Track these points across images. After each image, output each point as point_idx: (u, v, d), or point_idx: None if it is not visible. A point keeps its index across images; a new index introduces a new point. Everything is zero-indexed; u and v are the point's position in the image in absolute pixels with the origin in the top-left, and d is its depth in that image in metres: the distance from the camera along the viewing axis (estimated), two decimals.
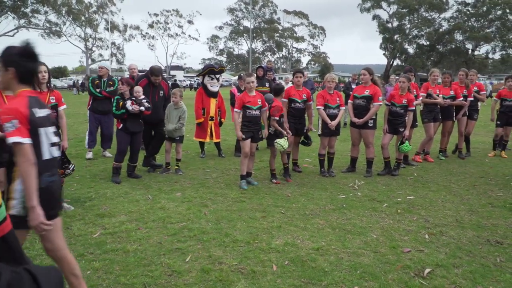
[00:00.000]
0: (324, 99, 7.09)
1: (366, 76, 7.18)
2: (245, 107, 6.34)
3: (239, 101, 6.41)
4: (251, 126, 6.38)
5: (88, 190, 6.14)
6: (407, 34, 61.17)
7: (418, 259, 3.89)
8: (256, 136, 6.48)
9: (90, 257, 3.90)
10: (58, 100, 5.16)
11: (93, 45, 64.79)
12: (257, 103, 6.38)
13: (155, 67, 7.46)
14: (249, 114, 6.37)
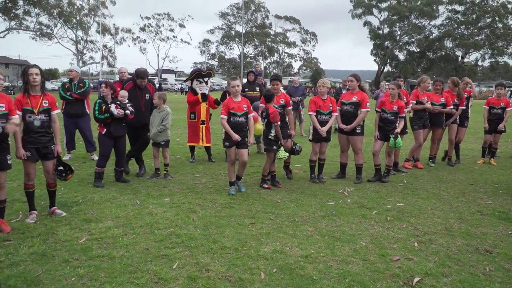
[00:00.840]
0: (316, 105, 7.05)
1: (353, 83, 7.18)
2: (230, 113, 6.14)
3: (224, 107, 6.18)
4: (235, 133, 6.12)
5: (75, 195, 6.05)
6: (397, 41, 61.77)
7: (407, 268, 3.87)
8: (241, 143, 6.20)
9: (75, 263, 3.82)
10: (52, 104, 5.01)
11: (84, 48, 64.40)
12: (242, 109, 6.17)
13: (140, 69, 7.38)
14: (234, 121, 6.15)
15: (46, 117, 4.94)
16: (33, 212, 5.03)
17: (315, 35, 79.54)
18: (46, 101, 4.93)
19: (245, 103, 6.24)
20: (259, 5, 74.67)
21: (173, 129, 13.15)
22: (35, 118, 4.84)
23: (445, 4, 58.45)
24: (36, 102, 4.85)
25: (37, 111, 4.85)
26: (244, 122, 6.23)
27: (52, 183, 5.16)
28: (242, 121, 6.19)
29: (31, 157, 4.82)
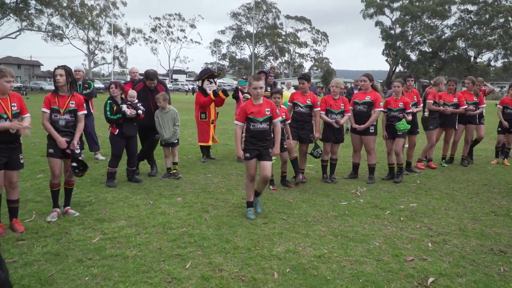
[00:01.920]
0: (327, 104, 7.04)
1: (366, 83, 7.14)
2: (249, 119, 5.09)
3: (241, 111, 5.16)
4: (256, 143, 5.10)
5: (88, 194, 6.10)
6: (409, 41, 61.29)
7: (421, 268, 3.83)
8: (265, 154, 5.14)
9: (89, 263, 3.84)
10: (79, 105, 5.11)
11: (95, 48, 65.00)
12: (264, 113, 5.06)
13: (149, 71, 7.41)
14: (254, 128, 5.07)
15: (71, 117, 5.07)
16: (56, 209, 5.13)
17: (326, 35, 79.35)
18: (73, 102, 5.07)
19: (268, 106, 5.12)
20: (271, 5, 74.67)
21: (184, 129, 13.22)
22: (61, 117, 4.99)
23: (458, 4, 57.88)
24: (63, 102, 5.00)
25: (63, 111, 4.99)
26: (267, 129, 5.13)
27: (71, 181, 5.26)
28: (264, 128, 5.08)
29: (54, 154, 4.95)
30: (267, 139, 5.15)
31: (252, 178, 5.18)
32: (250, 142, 5.12)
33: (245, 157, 5.13)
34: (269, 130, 5.15)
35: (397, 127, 7.13)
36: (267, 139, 5.15)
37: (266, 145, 5.14)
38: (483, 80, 9.44)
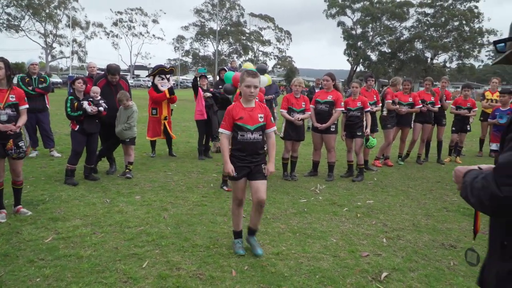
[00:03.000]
0: (288, 103, 7.12)
1: (329, 82, 7.24)
2: (237, 126, 3.91)
3: (227, 116, 3.95)
4: (245, 158, 3.95)
5: (42, 193, 5.88)
6: (370, 41, 62.78)
7: (376, 263, 3.94)
8: (256, 172, 3.98)
9: (41, 263, 3.71)
10: (20, 99, 4.88)
11: (53, 42, 62.62)
12: (256, 120, 3.93)
13: (112, 65, 7.25)
14: (242, 139, 3.91)
15: (13, 111, 4.80)
16: (2, 211, 4.88)
17: (289, 34, 79.89)
18: (13, 95, 4.80)
19: (261, 111, 4.00)
20: (234, 2, 74.45)
21: (144, 126, 12.96)
22: (1, 112, 4.70)
23: (416, 6, 59.80)
24: (2, 96, 4.71)
25: (3, 106, 4.70)
26: (260, 141, 3.99)
27: (18, 181, 5.01)
28: (256, 139, 3.94)
29: None
30: (259, 153, 3.97)
31: (240, 203, 4.10)
32: (237, 157, 3.92)
33: (229, 176, 4.06)
34: (261, 142, 3.99)
35: (368, 146, 7.59)
36: (259, 153, 3.98)
37: (258, 160, 3.97)
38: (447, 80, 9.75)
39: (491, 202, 1.42)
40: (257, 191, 3.98)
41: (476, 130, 12.13)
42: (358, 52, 62.61)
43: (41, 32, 60.11)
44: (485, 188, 1.44)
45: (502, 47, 1.67)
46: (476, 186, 1.50)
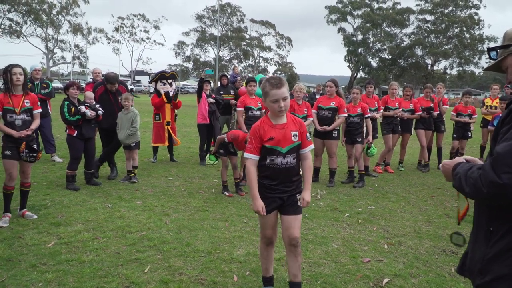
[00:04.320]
0: (291, 109, 7.08)
1: (332, 88, 7.30)
2: (265, 150, 3.09)
3: (253, 138, 3.11)
4: (276, 188, 3.13)
5: (44, 198, 5.90)
6: (370, 48, 62.96)
7: (377, 269, 3.95)
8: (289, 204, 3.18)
9: (43, 268, 3.72)
10: (34, 104, 5.06)
11: (54, 47, 62.83)
12: (289, 139, 3.10)
13: (110, 75, 7.32)
14: (272, 164, 3.10)
15: (28, 116, 4.97)
16: (7, 214, 4.93)
17: (290, 40, 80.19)
18: (28, 100, 4.98)
19: (294, 126, 3.15)
20: (235, 8, 74.78)
21: (146, 132, 13.02)
22: (17, 118, 4.86)
23: (416, 13, 60.05)
24: (17, 102, 4.87)
25: (19, 111, 4.86)
26: (294, 165, 3.15)
27: (26, 182, 5.08)
28: (290, 163, 3.11)
29: (11, 156, 4.78)
30: (293, 180, 3.18)
31: (269, 242, 3.31)
32: (266, 187, 3.14)
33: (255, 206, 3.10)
34: (296, 166, 3.17)
35: (368, 154, 7.62)
36: (293, 181, 3.18)
37: (292, 189, 3.17)
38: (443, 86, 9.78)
39: (490, 189, 1.54)
40: (289, 227, 3.18)
41: (477, 137, 12.15)
42: (359, 58, 62.79)
43: (42, 38, 60.31)
44: (483, 177, 1.57)
45: (494, 55, 1.84)
46: (472, 176, 1.63)
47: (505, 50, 1.83)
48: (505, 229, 1.66)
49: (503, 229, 1.66)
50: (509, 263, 1.62)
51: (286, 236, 3.21)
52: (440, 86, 9.64)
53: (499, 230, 1.67)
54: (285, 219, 3.21)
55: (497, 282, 1.66)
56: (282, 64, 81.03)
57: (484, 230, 1.74)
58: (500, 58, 1.84)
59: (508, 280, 1.63)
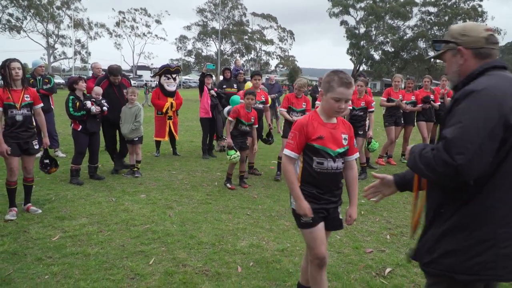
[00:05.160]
0: (289, 102, 6.99)
1: None
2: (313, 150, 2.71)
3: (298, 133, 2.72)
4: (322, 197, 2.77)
5: (48, 192, 5.94)
6: (373, 41, 62.72)
7: (380, 259, 3.97)
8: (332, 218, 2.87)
9: (49, 261, 3.76)
10: (35, 98, 5.03)
11: (55, 42, 62.86)
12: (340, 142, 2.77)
13: (113, 66, 7.31)
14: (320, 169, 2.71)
15: (28, 111, 4.95)
16: (14, 208, 4.96)
17: (292, 33, 79.95)
18: (28, 95, 4.95)
19: (345, 130, 2.85)
20: (237, 2, 74.54)
21: (149, 126, 13.04)
22: (17, 113, 4.84)
23: (419, 5, 59.73)
24: (17, 96, 4.83)
25: (19, 106, 4.84)
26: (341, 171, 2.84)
27: (29, 177, 5.10)
28: (339, 168, 2.78)
29: (13, 152, 4.78)
30: (339, 187, 2.87)
31: (324, 263, 2.83)
32: (310, 196, 2.73)
33: (301, 223, 2.77)
34: (341, 174, 2.86)
35: (370, 149, 7.64)
36: (339, 188, 2.87)
37: (337, 200, 2.86)
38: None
39: (444, 169, 1.68)
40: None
41: None
42: (361, 51, 62.59)
43: (43, 33, 60.32)
44: (437, 157, 1.70)
45: (439, 47, 2.04)
46: (427, 155, 1.76)
47: (446, 45, 2.01)
48: (454, 208, 1.80)
49: (453, 209, 1.80)
50: (456, 239, 1.76)
51: None
52: (444, 79, 9.57)
53: (449, 210, 1.82)
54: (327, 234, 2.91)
55: (444, 258, 1.79)
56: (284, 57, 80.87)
57: (435, 213, 1.88)
58: (441, 52, 2.04)
59: (455, 255, 1.76)
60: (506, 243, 1.74)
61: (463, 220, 1.78)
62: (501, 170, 1.73)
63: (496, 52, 1.94)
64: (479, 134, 1.65)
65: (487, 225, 1.75)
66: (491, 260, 1.73)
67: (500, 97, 1.71)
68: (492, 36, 1.93)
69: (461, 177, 1.67)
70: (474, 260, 1.74)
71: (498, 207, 1.75)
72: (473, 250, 1.75)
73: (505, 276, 1.77)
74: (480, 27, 1.94)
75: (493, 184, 1.74)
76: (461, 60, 1.95)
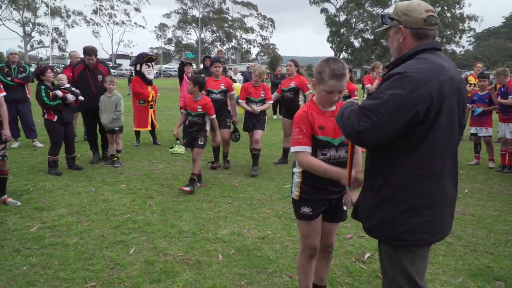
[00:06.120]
0: (246, 92, 6.71)
1: (292, 68, 7.07)
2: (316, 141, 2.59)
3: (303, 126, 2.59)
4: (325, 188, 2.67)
5: (26, 183, 5.83)
6: (353, 28, 62.97)
7: (359, 245, 4.04)
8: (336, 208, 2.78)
9: (27, 252, 3.71)
10: None
11: (32, 31, 61.21)
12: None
13: (87, 46, 7.11)
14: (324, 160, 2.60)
15: None
16: None
17: (273, 21, 79.70)
18: None
19: None
20: None
21: (129, 115, 12.88)
22: None
23: None
24: None
25: None
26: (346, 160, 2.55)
27: (4, 170, 4.96)
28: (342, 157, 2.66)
29: None
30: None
31: (313, 253, 2.82)
32: (313, 187, 2.69)
33: (301, 214, 2.73)
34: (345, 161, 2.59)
35: None
36: None
37: (340, 190, 2.74)
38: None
39: (350, 130, 1.93)
40: (329, 234, 2.86)
41: None
42: (341, 39, 62.82)
43: (19, 22, 58.64)
44: (349, 118, 1.94)
45: (386, 21, 2.14)
46: (345, 114, 2.00)
47: (391, 22, 2.10)
48: (381, 182, 2.00)
49: (380, 182, 2.01)
50: (388, 210, 1.98)
51: (324, 243, 2.85)
52: None
53: (378, 183, 2.02)
54: (327, 226, 2.82)
55: (380, 225, 2.02)
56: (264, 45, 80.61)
57: (368, 183, 2.10)
58: (386, 27, 2.15)
59: (389, 223, 1.99)
60: (429, 211, 1.95)
61: (391, 192, 1.98)
62: (421, 149, 1.90)
63: (434, 33, 2.05)
64: (387, 111, 1.82)
65: (411, 197, 1.94)
66: (415, 228, 1.95)
67: (419, 82, 1.83)
68: (431, 17, 2.01)
69: (358, 141, 1.99)
70: (401, 228, 1.96)
71: (420, 182, 1.92)
72: (400, 220, 1.96)
73: (429, 239, 2.00)
74: (422, 7, 2.02)
75: (415, 160, 1.91)
76: (400, 38, 2.05)
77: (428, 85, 1.83)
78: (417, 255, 2.01)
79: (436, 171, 1.93)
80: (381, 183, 2.00)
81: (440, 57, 1.98)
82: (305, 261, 2.83)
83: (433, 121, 1.87)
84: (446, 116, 1.89)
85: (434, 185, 1.94)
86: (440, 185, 1.95)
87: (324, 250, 2.89)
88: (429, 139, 1.89)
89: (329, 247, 2.90)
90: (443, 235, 2.06)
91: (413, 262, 2.01)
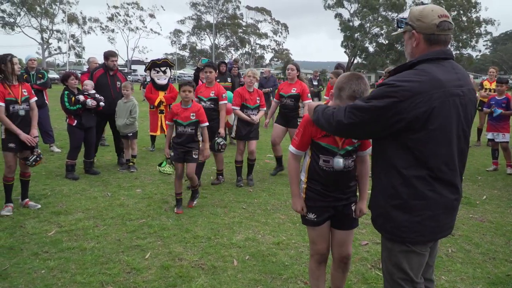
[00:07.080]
0: (242, 98, 6.22)
1: (293, 72, 6.57)
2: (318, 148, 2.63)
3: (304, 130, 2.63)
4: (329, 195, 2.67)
5: (43, 187, 5.93)
6: (367, 33, 62.66)
7: (375, 251, 4.00)
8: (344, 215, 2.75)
9: (45, 256, 3.77)
10: (29, 93, 5.05)
11: (49, 37, 62.34)
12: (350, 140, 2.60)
13: (108, 51, 7.34)
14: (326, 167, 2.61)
15: (27, 106, 4.96)
16: (10, 204, 4.96)
17: (286, 26, 79.74)
18: (25, 90, 5.00)
19: None
20: None
21: (144, 121, 13.01)
22: (19, 108, 4.85)
23: None
24: (17, 92, 4.85)
25: (20, 101, 4.86)
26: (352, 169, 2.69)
27: (26, 172, 5.09)
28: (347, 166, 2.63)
29: (15, 149, 4.80)
30: (350, 186, 2.73)
31: (322, 259, 2.83)
32: (317, 193, 2.68)
33: (306, 219, 2.75)
34: (354, 170, 2.70)
35: None
36: (350, 186, 2.73)
37: (348, 197, 2.72)
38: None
39: (337, 125, 2.08)
40: (343, 244, 2.79)
41: (474, 120, 12.17)
42: (356, 43, 62.53)
43: (37, 29, 59.80)
44: (335, 115, 2.09)
45: (402, 25, 2.16)
46: (328, 113, 2.16)
47: (406, 26, 2.12)
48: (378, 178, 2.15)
49: (377, 179, 2.16)
50: (382, 205, 2.10)
51: (338, 253, 2.82)
52: None
53: (376, 178, 2.18)
54: (338, 234, 2.77)
55: (378, 217, 2.16)
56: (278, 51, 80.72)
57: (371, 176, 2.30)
58: (401, 31, 2.17)
59: (383, 217, 2.11)
60: (419, 212, 2.01)
61: (384, 189, 2.09)
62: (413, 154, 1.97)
63: (447, 38, 2.05)
64: (372, 113, 1.95)
65: (402, 197, 2.02)
66: (405, 226, 2.03)
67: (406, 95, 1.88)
68: (444, 23, 2.00)
69: (344, 134, 2.24)
70: (392, 223, 2.07)
71: (411, 184, 1.99)
72: (391, 215, 2.06)
73: (418, 239, 2.05)
74: (435, 12, 2.00)
75: (408, 164, 1.99)
76: (414, 43, 2.08)
77: (414, 98, 1.87)
78: (411, 251, 2.07)
79: (427, 177, 1.99)
80: (377, 180, 2.16)
81: (442, 68, 1.98)
82: (314, 267, 2.84)
83: (421, 131, 1.93)
84: (438, 128, 1.93)
85: (427, 188, 1.99)
86: (432, 190, 2.00)
87: (340, 261, 2.83)
88: (418, 147, 1.96)
89: (345, 258, 2.82)
90: (439, 236, 2.15)
91: (407, 257, 2.08)
